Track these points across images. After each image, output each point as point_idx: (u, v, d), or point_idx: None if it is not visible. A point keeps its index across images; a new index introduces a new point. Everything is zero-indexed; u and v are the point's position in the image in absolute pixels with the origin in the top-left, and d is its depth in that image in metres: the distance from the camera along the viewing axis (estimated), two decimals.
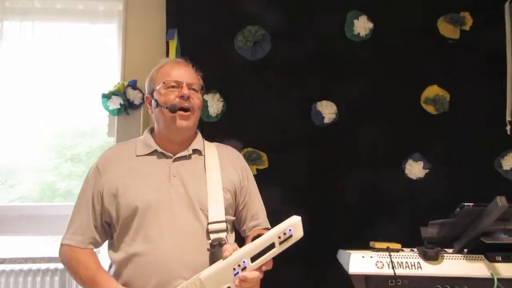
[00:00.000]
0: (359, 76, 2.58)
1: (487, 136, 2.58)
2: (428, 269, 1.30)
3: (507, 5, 2.65)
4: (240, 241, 1.46)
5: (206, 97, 2.50)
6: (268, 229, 1.43)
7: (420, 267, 1.31)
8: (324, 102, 2.56)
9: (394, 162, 2.59)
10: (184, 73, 1.42)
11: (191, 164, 1.40)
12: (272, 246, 1.14)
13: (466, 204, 1.28)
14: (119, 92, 2.55)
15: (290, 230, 1.13)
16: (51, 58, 2.82)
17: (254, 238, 1.19)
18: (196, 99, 1.40)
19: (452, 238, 1.41)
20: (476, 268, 1.30)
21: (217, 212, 1.31)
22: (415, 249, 1.39)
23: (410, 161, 2.58)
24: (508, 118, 2.61)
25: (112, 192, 1.35)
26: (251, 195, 1.48)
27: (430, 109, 2.61)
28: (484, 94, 2.60)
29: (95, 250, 1.42)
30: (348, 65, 2.60)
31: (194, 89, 1.41)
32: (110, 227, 1.40)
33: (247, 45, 2.54)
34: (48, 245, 2.70)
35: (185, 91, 1.37)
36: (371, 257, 1.33)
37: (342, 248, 1.60)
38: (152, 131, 1.49)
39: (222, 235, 1.28)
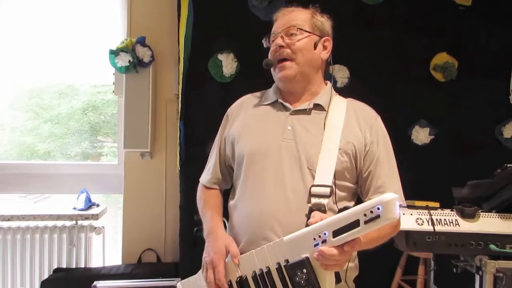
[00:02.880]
0: (371, 40, 2.58)
1: (490, 105, 2.67)
2: (466, 226, 1.37)
3: None
4: None
5: (221, 57, 2.45)
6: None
7: (458, 224, 1.38)
8: (337, 66, 2.56)
9: (401, 127, 2.64)
10: (282, 22, 1.32)
11: (308, 119, 1.29)
12: (356, 224, 0.98)
13: (509, 165, 1.33)
14: (128, 49, 2.45)
15: (378, 208, 0.94)
16: (47, 13, 2.67)
17: (340, 210, 1.07)
18: (293, 46, 1.28)
19: (481, 198, 1.49)
20: (511, 226, 1.37)
21: (325, 175, 1.20)
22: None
23: (416, 127, 2.64)
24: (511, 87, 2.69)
25: (232, 139, 1.34)
26: (379, 163, 1.26)
27: (438, 76, 2.65)
28: (490, 63, 2.66)
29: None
30: (361, 29, 2.58)
31: (293, 34, 1.29)
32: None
33: (262, 4, 2.48)
34: (56, 203, 2.66)
35: (278, 41, 1.29)
36: (411, 214, 1.39)
37: None
38: None
39: (324, 201, 1.17)
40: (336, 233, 1.01)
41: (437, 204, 1.44)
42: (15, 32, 2.63)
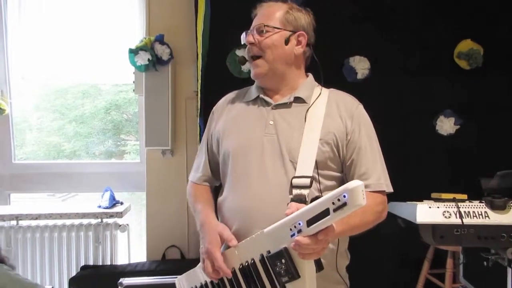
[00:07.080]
0: (392, 29, 2.52)
1: None
2: (496, 218, 1.32)
3: None
4: None
5: (238, 52, 2.44)
6: (380, 192, 1.27)
7: (488, 216, 1.33)
8: (357, 57, 2.51)
9: (425, 118, 2.58)
10: (257, 19, 1.35)
11: (289, 113, 1.31)
12: (326, 212, 0.99)
13: None
14: (147, 47, 2.46)
15: (344, 196, 0.95)
16: (68, 15, 2.71)
17: (312, 200, 1.07)
18: (261, 43, 1.30)
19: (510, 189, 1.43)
20: None
21: (306, 166, 1.22)
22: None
23: (441, 117, 2.57)
24: None
25: (218, 137, 1.37)
26: (361, 152, 1.27)
27: (463, 64, 2.57)
28: None
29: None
30: (381, 17, 2.52)
31: (262, 31, 1.31)
32: None
33: None
34: (82, 201, 2.71)
35: (249, 38, 1.32)
36: (438, 207, 1.35)
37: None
38: None
39: (305, 191, 1.19)
40: (309, 223, 1.02)
41: (464, 196, 1.39)
42: (38, 35, 2.67)
